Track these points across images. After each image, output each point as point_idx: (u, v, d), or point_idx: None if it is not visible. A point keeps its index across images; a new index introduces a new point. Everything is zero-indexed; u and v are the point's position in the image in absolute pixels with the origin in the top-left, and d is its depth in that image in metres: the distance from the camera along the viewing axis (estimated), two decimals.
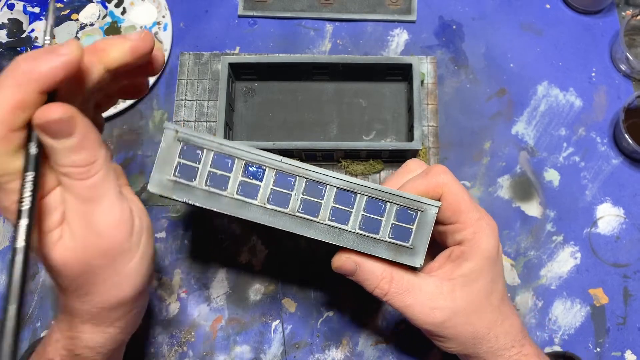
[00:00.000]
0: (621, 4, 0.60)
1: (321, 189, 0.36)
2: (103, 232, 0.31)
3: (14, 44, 0.58)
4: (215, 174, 0.35)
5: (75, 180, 0.30)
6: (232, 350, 0.50)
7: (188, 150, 0.35)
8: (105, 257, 0.31)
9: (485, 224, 0.37)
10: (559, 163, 0.54)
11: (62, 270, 0.31)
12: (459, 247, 0.37)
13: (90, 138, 0.30)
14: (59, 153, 0.29)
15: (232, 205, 0.36)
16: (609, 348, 0.49)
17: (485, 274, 0.37)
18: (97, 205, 0.31)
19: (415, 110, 0.50)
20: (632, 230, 0.52)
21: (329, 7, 0.60)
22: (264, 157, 0.35)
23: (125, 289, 0.33)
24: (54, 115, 0.28)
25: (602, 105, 0.56)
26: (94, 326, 0.34)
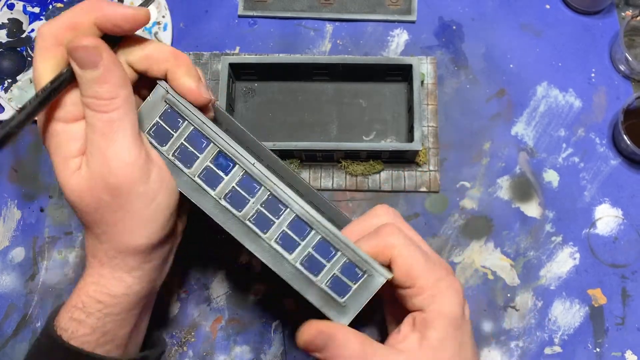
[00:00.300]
0: (621, 5, 0.60)
1: (281, 208, 0.34)
2: (114, 168, 0.32)
3: (14, 44, 0.58)
4: (185, 149, 0.35)
5: (95, 112, 0.32)
6: (232, 351, 0.50)
7: (170, 115, 0.35)
8: (115, 194, 0.33)
9: (445, 286, 0.34)
10: (558, 164, 0.54)
11: (77, 202, 0.33)
12: (421, 313, 0.35)
13: (114, 74, 0.32)
14: (84, 83, 0.32)
15: (189, 186, 0.35)
16: (609, 348, 0.49)
17: (452, 340, 0.34)
18: (112, 141, 0.32)
19: (415, 111, 0.51)
20: (630, 231, 0.53)
21: (329, 7, 0.60)
22: (238, 153, 0.35)
23: (139, 237, 0.35)
24: (82, 42, 0.31)
25: (602, 106, 0.56)
26: (112, 271, 0.35)
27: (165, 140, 0.35)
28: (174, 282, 0.51)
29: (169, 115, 0.35)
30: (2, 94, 0.56)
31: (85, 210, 0.34)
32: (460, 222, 0.53)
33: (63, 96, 0.32)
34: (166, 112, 0.35)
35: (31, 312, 0.51)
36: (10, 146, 0.56)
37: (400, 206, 0.53)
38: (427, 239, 0.52)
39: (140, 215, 0.34)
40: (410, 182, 0.54)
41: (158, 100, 0.35)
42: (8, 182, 0.55)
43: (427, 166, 0.54)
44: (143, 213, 0.34)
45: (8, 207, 0.54)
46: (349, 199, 0.54)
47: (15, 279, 0.52)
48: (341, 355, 0.33)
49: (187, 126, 0.35)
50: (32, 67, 0.57)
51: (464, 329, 0.35)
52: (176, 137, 0.35)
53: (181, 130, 0.35)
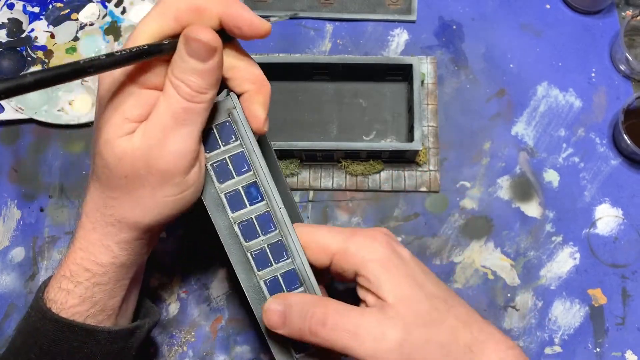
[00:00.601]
0: (621, 5, 0.60)
1: (284, 255, 0.36)
2: (168, 153, 0.32)
3: (13, 43, 0.58)
4: (225, 165, 0.35)
5: (180, 96, 0.31)
6: (232, 350, 0.50)
7: (227, 128, 0.35)
8: (153, 174, 0.32)
9: (360, 237, 0.34)
10: (558, 164, 0.54)
11: (113, 163, 0.32)
12: (358, 275, 0.34)
13: (214, 75, 0.32)
14: (182, 67, 0.31)
15: (212, 198, 0.36)
16: (609, 348, 0.49)
17: (400, 279, 0.33)
18: (179, 128, 0.32)
19: (416, 111, 0.50)
20: (630, 231, 0.52)
21: (329, 7, 0.60)
22: (272, 192, 0.35)
23: (147, 217, 0.34)
24: (202, 36, 0.30)
25: (602, 106, 0.56)
26: (102, 238, 0.35)
27: (211, 148, 0.35)
28: (174, 282, 0.51)
29: (225, 128, 0.35)
30: None
31: (114, 173, 0.33)
32: (461, 222, 0.53)
33: (150, 62, 0.32)
34: (225, 124, 0.35)
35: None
36: (11, 146, 0.56)
37: (400, 206, 0.53)
38: (427, 239, 0.52)
39: (160, 200, 0.34)
40: (411, 182, 0.54)
41: (222, 109, 0.35)
42: (8, 182, 0.55)
43: (427, 166, 0.54)
44: (164, 200, 0.34)
45: (8, 207, 0.54)
46: (349, 199, 0.54)
47: (15, 278, 0.52)
48: (301, 312, 0.33)
49: (237, 146, 0.35)
50: (32, 67, 0.57)
51: (410, 267, 0.34)
52: (223, 150, 0.35)
53: (230, 147, 0.35)
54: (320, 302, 0.34)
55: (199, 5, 0.31)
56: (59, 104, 0.56)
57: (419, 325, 0.32)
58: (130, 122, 0.32)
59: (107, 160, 0.32)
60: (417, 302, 0.33)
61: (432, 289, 0.34)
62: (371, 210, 0.53)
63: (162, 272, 0.52)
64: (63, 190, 0.54)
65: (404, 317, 0.32)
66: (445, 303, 0.34)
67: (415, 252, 0.52)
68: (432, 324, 0.33)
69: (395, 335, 0.32)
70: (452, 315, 0.33)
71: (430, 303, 0.33)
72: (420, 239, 0.53)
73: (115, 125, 0.32)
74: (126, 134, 0.32)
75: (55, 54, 0.58)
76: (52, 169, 0.55)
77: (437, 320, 0.33)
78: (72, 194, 0.54)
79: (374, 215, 0.53)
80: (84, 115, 0.55)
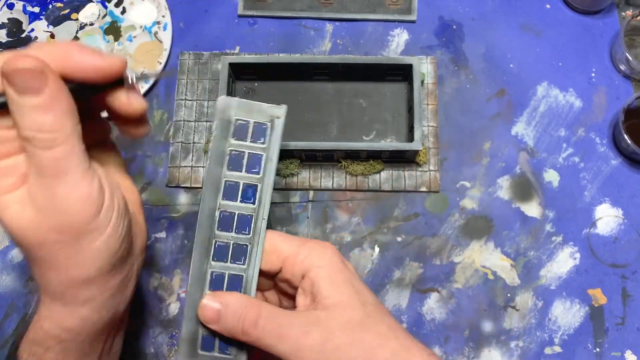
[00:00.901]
0: (621, 5, 0.60)
1: (242, 260, 0.36)
2: (66, 208, 0.29)
3: (13, 43, 0.58)
4: (241, 157, 0.36)
5: (38, 149, 0.27)
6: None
7: (262, 130, 0.36)
8: (65, 234, 0.29)
9: (313, 244, 0.35)
10: (558, 164, 0.54)
11: (19, 239, 0.30)
12: (305, 278, 0.35)
13: (61, 102, 0.27)
14: (22, 111, 0.27)
15: (212, 179, 0.36)
16: (609, 348, 0.49)
17: (344, 286, 0.34)
18: (61, 179, 0.28)
19: (416, 111, 0.50)
20: (630, 231, 0.52)
21: (329, 7, 0.60)
22: (264, 203, 0.36)
23: (88, 269, 0.31)
24: (23, 64, 0.26)
25: (602, 106, 0.56)
26: (63, 305, 0.32)
27: (239, 136, 0.36)
28: (174, 282, 0.51)
29: (261, 129, 0.36)
30: None
31: (28, 248, 0.30)
32: (461, 222, 0.53)
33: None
34: (262, 125, 0.36)
35: (31, 312, 0.51)
36: None
37: (400, 206, 0.53)
38: (427, 239, 0.52)
39: (89, 248, 0.31)
40: (411, 182, 0.54)
41: (267, 112, 0.36)
42: None
43: (427, 166, 0.54)
44: (93, 245, 0.31)
45: None
46: (349, 199, 0.54)
47: (15, 278, 0.52)
48: (235, 312, 0.34)
49: (261, 149, 0.36)
50: None
51: (353, 276, 0.36)
52: (247, 145, 0.36)
53: (255, 146, 0.36)
54: (254, 304, 0.34)
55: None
56: None
57: (347, 328, 0.33)
58: (7, 194, 0.29)
59: (14, 238, 0.30)
60: (352, 308, 0.34)
61: (369, 297, 0.35)
62: (371, 210, 0.53)
63: (162, 272, 0.52)
64: None
65: (335, 320, 0.33)
66: (378, 312, 0.35)
67: (415, 252, 0.52)
68: (361, 329, 0.33)
69: (319, 335, 0.32)
70: (383, 323, 0.34)
71: (364, 310, 0.34)
72: (420, 238, 0.53)
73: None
74: (12, 207, 0.29)
75: None
76: None
77: (367, 326, 0.34)
78: None
79: (374, 215, 0.53)
80: None
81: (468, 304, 0.51)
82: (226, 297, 0.35)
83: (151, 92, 0.57)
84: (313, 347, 0.32)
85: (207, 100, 0.57)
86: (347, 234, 0.53)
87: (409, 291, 0.51)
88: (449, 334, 0.50)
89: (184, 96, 0.57)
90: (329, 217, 0.53)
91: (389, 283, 0.51)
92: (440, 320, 0.50)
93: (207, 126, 0.56)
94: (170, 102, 0.57)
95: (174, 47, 0.58)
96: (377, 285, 0.51)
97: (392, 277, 0.52)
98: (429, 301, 0.51)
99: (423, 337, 0.50)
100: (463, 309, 0.51)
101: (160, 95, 0.57)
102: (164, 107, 0.57)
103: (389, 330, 0.34)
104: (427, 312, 0.51)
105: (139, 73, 0.30)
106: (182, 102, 0.57)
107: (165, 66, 0.57)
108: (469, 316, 0.50)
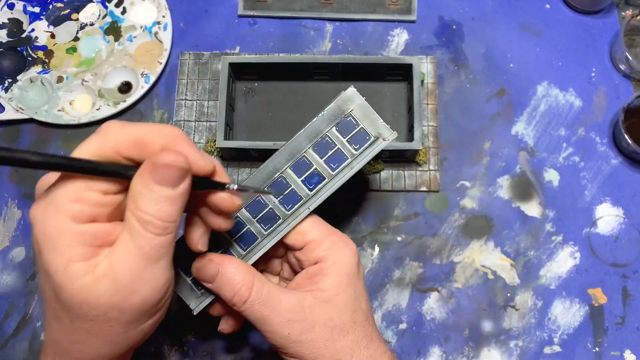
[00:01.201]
0: (621, 4, 0.60)
1: (274, 220, 0.37)
2: (145, 290, 0.29)
3: (14, 43, 0.58)
4: (332, 145, 0.37)
5: (149, 233, 0.28)
6: (233, 350, 0.50)
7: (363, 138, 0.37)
8: (128, 313, 0.29)
9: (338, 238, 0.37)
10: (558, 163, 0.54)
11: (73, 309, 0.28)
12: (316, 264, 0.36)
13: (186, 197, 0.29)
14: (150, 198, 0.28)
15: (287, 147, 0.38)
16: (608, 348, 0.49)
17: (345, 288, 0.36)
18: (156, 264, 0.29)
19: (415, 110, 0.50)
20: (631, 231, 0.52)
21: (329, 7, 0.60)
22: (321, 193, 0.37)
23: (120, 349, 0.32)
24: (172, 160, 0.28)
25: (602, 106, 0.56)
26: None
27: (339, 129, 0.37)
28: None
29: (362, 135, 0.37)
30: (2, 94, 0.56)
31: (78, 315, 0.29)
32: (461, 221, 0.53)
33: (84, 190, 0.27)
34: (364, 133, 0.37)
35: (31, 311, 0.51)
36: (11, 146, 0.56)
37: (401, 206, 0.53)
38: (427, 239, 0.52)
39: (134, 332, 0.31)
40: (411, 182, 0.54)
41: (380, 130, 0.37)
42: (8, 182, 0.55)
43: (427, 166, 0.54)
44: (138, 330, 0.31)
45: (8, 206, 0.54)
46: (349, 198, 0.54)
47: (16, 278, 0.52)
48: (228, 283, 0.35)
49: (351, 154, 0.37)
50: (32, 68, 0.57)
51: (359, 284, 0.37)
52: (342, 141, 0.37)
53: (349, 147, 0.37)
54: (248, 280, 0.35)
55: (140, 138, 0.28)
56: (59, 104, 0.56)
57: (328, 326, 0.35)
58: (75, 263, 0.28)
59: (68, 306, 0.29)
60: (340, 310, 0.36)
61: (364, 306, 0.37)
62: (371, 210, 0.53)
63: None
64: None
65: (320, 315, 0.35)
66: (365, 321, 0.37)
67: (415, 251, 0.52)
68: (340, 332, 0.35)
69: (300, 327, 0.34)
70: (364, 333, 0.36)
71: (352, 315, 0.36)
72: (420, 238, 0.52)
73: (61, 271, 0.28)
74: (80, 277, 0.28)
75: (55, 54, 0.58)
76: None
77: (346, 331, 0.36)
78: None
79: (374, 215, 0.53)
80: (84, 116, 0.56)
81: (468, 304, 0.51)
82: (225, 264, 0.35)
83: (151, 92, 0.57)
84: (290, 336, 0.34)
85: (207, 101, 0.57)
86: (347, 233, 0.53)
87: (409, 291, 0.51)
88: (449, 333, 0.50)
89: (184, 96, 0.57)
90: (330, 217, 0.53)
91: (389, 283, 0.51)
92: (440, 319, 0.50)
93: (207, 126, 0.56)
94: (171, 102, 0.57)
95: (174, 47, 0.59)
96: (377, 285, 0.51)
97: (392, 276, 0.52)
98: (429, 301, 0.51)
99: (423, 336, 0.50)
100: (463, 309, 0.51)
101: (160, 95, 0.57)
102: (164, 107, 0.57)
103: (364, 339, 0.36)
104: (427, 311, 0.51)
105: (241, 185, 0.33)
106: (182, 102, 0.57)
107: (165, 66, 0.57)
108: (469, 316, 0.50)
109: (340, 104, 0.37)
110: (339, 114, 0.37)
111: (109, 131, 0.28)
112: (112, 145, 0.28)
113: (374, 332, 0.37)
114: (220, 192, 0.32)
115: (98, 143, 0.28)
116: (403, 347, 0.50)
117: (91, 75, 0.57)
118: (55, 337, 0.31)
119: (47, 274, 0.28)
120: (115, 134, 0.28)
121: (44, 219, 0.27)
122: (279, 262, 0.41)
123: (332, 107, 0.37)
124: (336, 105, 0.37)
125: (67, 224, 0.27)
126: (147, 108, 0.57)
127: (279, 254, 0.41)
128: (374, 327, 0.38)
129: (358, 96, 0.36)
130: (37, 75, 0.57)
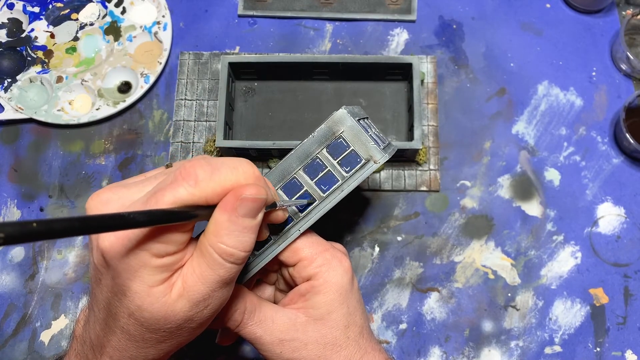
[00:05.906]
0: (621, 4, 0.59)
1: (288, 221, 0.37)
2: (214, 306, 0.31)
3: (13, 43, 0.58)
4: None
5: (229, 264, 0.30)
6: (233, 350, 0.50)
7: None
8: (195, 322, 0.31)
9: (331, 255, 0.37)
10: (559, 162, 0.54)
11: (152, 324, 0.30)
12: (308, 282, 0.37)
13: (259, 225, 0.31)
14: (233, 230, 0.29)
15: (277, 169, 0.37)
16: (609, 348, 0.49)
17: (338, 306, 0.36)
18: (227, 286, 0.31)
19: (415, 110, 0.50)
20: (632, 230, 0.52)
21: (329, 6, 0.60)
22: (308, 220, 0.37)
23: (178, 347, 0.33)
24: (255, 194, 0.29)
25: (603, 105, 0.56)
26: None
27: (330, 151, 0.37)
28: None
29: (353, 157, 0.36)
30: (2, 94, 0.56)
31: (151, 330, 0.31)
32: (461, 221, 0.53)
33: (167, 232, 0.29)
34: (355, 156, 0.36)
35: (31, 311, 0.51)
36: (10, 146, 0.56)
37: (401, 205, 0.53)
38: (427, 238, 0.52)
39: (195, 335, 0.33)
40: (411, 181, 0.54)
41: (368, 148, 0.36)
42: (8, 182, 0.55)
43: (427, 165, 0.54)
44: (180, 340, 0.33)
45: (8, 206, 0.54)
46: None
47: (15, 278, 0.52)
48: (223, 308, 0.35)
49: (342, 177, 0.36)
50: (32, 67, 0.57)
51: (353, 299, 0.37)
52: (332, 164, 0.37)
53: (340, 169, 0.36)
54: (240, 304, 0.35)
55: (230, 188, 0.30)
56: (59, 104, 0.56)
57: (320, 344, 0.36)
58: (157, 287, 0.30)
59: (146, 321, 0.31)
60: (332, 327, 0.36)
61: (358, 320, 0.37)
62: (371, 210, 0.53)
63: None
64: (63, 190, 0.54)
65: (312, 333, 0.36)
66: (359, 336, 0.37)
67: (416, 251, 0.52)
68: (332, 348, 0.36)
69: (291, 347, 0.35)
70: (358, 347, 0.37)
71: (345, 331, 0.36)
72: (420, 238, 0.52)
73: (145, 295, 0.29)
74: (162, 297, 0.30)
75: (55, 53, 0.58)
76: (51, 168, 0.55)
77: (339, 347, 0.36)
78: (72, 194, 0.54)
79: (374, 215, 0.53)
80: (84, 115, 0.55)
81: (468, 304, 0.51)
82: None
83: (151, 91, 0.57)
84: (283, 354, 0.35)
85: (207, 100, 0.57)
86: (347, 233, 0.52)
87: (409, 291, 0.51)
88: (449, 333, 0.50)
89: (183, 96, 0.57)
90: (329, 217, 0.53)
91: (389, 282, 0.51)
92: (441, 319, 0.50)
93: (207, 126, 0.56)
94: (170, 102, 0.57)
95: (174, 47, 0.59)
96: (377, 285, 0.51)
97: (392, 276, 0.51)
98: (429, 301, 0.51)
99: (423, 336, 0.50)
100: (463, 309, 0.50)
101: (160, 95, 0.57)
102: (163, 107, 0.57)
103: (358, 353, 0.36)
104: (428, 311, 0.51)
105: (284, 201, 0.35)
106: (182, 101, 0.57)
107: (165, 66, 0.57)
108: (469, 316, 0.50)
109: (330, 125, 0.36)
110: (329, 136, 0.36)
111: (200, 180, 0.29)
112: (204, 195, 0.29)
113: (368, 345, 0.37)
114: (277, 210, 0.34)
115: (190, 194, 0.28)
116: (403, 347, 0.50)
117: (91, 75, 0.57)
118: (117, 344, 0.32)
119: (125, 295, 0.30)
120: (207, 184, 0.29)
121: (125, 251, 0.29)
122: (275, 274, 0.41)
123: (323, 128, 0.36)
124: (327, 126, 0.36)
125: (149, 259, 0.29)
126: (146, 108, 0.57)
127: (274, 268, 0.41)
128: (369, 339, 0.38)
129: (349, 117, 0.36)
130: (37, 75, 0.57)
